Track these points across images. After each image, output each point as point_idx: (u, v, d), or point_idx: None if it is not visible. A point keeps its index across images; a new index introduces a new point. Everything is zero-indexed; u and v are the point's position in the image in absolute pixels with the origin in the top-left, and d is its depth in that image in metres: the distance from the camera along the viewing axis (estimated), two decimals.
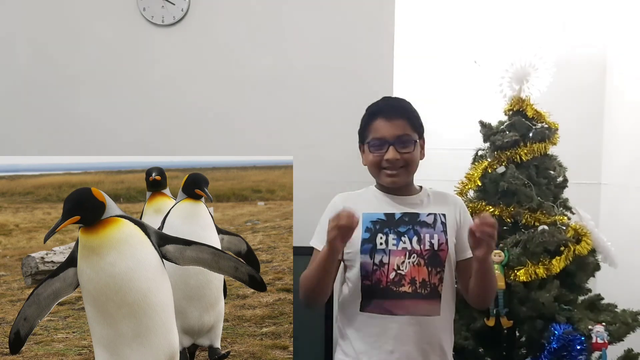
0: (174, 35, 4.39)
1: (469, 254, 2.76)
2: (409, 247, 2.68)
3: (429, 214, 2.74)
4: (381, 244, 2.69)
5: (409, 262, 2.66)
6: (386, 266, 2.67)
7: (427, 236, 2.70)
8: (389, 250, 2.68)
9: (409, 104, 2.80)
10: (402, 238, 2.68)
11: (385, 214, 2.74)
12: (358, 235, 2.69)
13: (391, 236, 2.69)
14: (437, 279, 2.71)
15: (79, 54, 4.40)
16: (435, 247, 2.70)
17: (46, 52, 4.42)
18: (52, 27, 4.42)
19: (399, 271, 2.66)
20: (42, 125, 4.32)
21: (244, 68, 4.33)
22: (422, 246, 2.69)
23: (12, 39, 4.44)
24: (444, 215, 2.76)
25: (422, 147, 2.82)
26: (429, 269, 2.68)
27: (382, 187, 2.83)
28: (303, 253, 2.97)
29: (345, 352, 2.81)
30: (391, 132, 2.68)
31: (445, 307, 2.74)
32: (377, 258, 2.69)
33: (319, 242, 2.80)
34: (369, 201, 2.82)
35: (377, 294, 2.69)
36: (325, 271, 2.63)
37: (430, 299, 2.69)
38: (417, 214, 2.74)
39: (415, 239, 2.69)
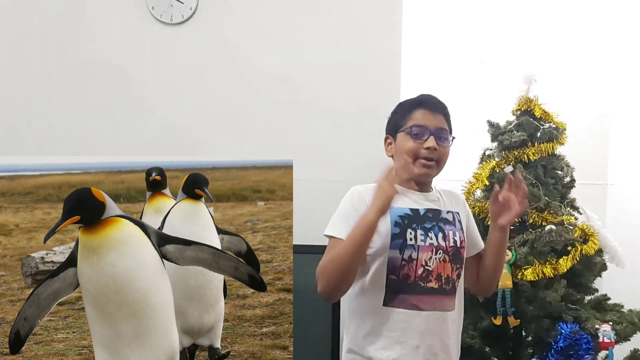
0: (182, 34, 4.41)
1: (476, 249, 2.87)
2: (436, 243, 2.67)
3: (449, 212, 2.76)
4: (411, 239, 2.66)
5: (436, 258, 2.66)
6: (415, 262, 2.65)
7: (451, 233, 2.71)
8: (418, 245, 2.66)
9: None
10: (429, 234, 2.67)
11: (411, 209, 2.72)
12: (387, 229, 2.66)
13: (419, 232, 2.67)
14: (456, 275, 2.73)
15: (86, 52, 4.42)
16: (458, 244, 2.72)
17: (51, 50, 4.44)
18: (59, 25, 4.44)
19: (426, 267, 2.65)
20: (42, 125, 4.33)
21: (251, 67, 4.34)
22: (447, 242, 2.69)
23: (17, 38, 4.45)
24: (458, 213, 2.79)
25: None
26: (452, 265, 2.70)
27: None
28: (303, 251, 2.97)
29: (354, 351, 2.80)
30: (433, 123, 2.69)
31: (458, 301, 2.76)
32: (407, 253, 2.65)
33: (339, 231, 2.67)
34: None
35: (404, 289, 2.66)
36: (366, 242, 2.53)
37: (450, 295, 2.70)
38: (439, 211, 2.74)
39: (440, 235, 2.68)
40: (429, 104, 2.73)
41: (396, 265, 2.64)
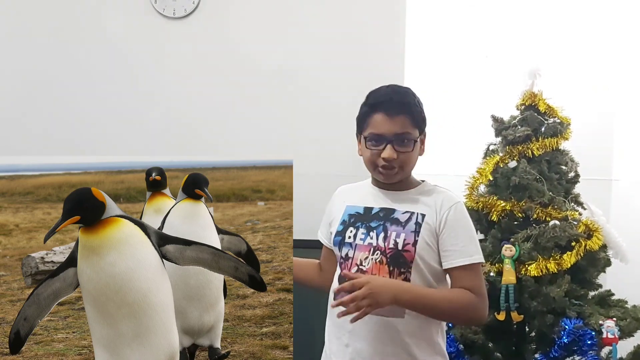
0: (185, 28, 4.41)
1: (450, 263, 2.59)
2: (374, 244, 2.61)
3: (405, 212, 2.64)
4: (349, 237, 2.67)
5: (372, 259, 2.60)
6: (350, 260, 2.65)
7: (394, 234, 2.60)
8: (355, 244, 2.65)
9: (412, 96, 2.67)
10: (371, 233, 2.63)
11: (365, 208, 2.72)
12: (335, 227, 2.74)
13: (361, 230, 2.66)
14: (401, 280, 2.58)
15: (87, 48, 4.44)
16: (400, 246, 2.58)
17: (51, 48, 4.45)
18: (60, 22, 4.45)
19: (360, 266, 2.61)
20: (43, 125, 4.33)
21: (252, 63, 4.36)
22: (386, 244, 2.60)
23: (16, 36, 4.45)
24: (423, 215, 2.62)
25: (423, 143, 2.72)
26: (391, 268, 2.58)
27: (375, 181, 2.79)
28: (303, 246, 3.00)
29: (325, 343, 2.84)
30: (391, 130, 2.58)
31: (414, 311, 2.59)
32: (344, 251, 2.68)
33: (319, 232, 2.95)
34: (359, 194, 2.82)
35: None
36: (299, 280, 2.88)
37: None
38: (393, 210, 2.66)
39: (382, 235, 2.61)
40: (387, 106, 2.61)
41: (339, 262, 2.71)
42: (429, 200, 2.67)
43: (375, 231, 2.63)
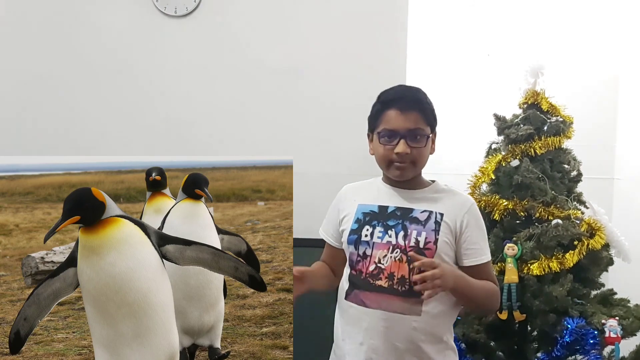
0: (186, 27, 4.41)
1: (472, 261, 2.68)
2: (394, 242, 2.63)
3: (424, 211, 2.68)
4: (366, 235, 2.68)
5: (391, 257, 2.62)
6: (368, 258, 2.66)
7: (415, 232, 2.63)
8: (373, 242, 2.66)
9: (424, 94, 2.73)
10: (389, 232, 2.65)
11: (379, 207, 2.73)
12: (349, 225, 2.74)
13: (378, 229, 2.67)
14: None
15: (88, 47, 4.44)
16: (421, 244, 2.61)
17: (52, 47, 4.44)
18: (60, 20, 4.44)
19: (379, 264, 2.63)
20: (43, 125, 4.33)
21: (254, 62, 4.35)
22: (406, 242, 2.62)
23: (16, 35, 4.45)
24: (441, 214, 2.67)
25: (433, 142, 2.76)
26: (411, 266, 2.54)
27: (387, 180, 2.81)
28: (303, 246, 3.00)
29: (334, 341, 2.84)
30: (403, 125, 2.62)
31: (432, 309, 2.64)
32: (361, 249, 2.69)
33: (322, 230, 2.96)
34: (370, 192, 2.83)
35: (358, 284, 2.69)
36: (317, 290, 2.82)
37: (408, 297, 2.59)
38: (411, 209, 2.69)
39: (401, 234, 2.64)
40: (400, 102, 2.66)
41: (353, 260, 2.70)
42: (446, 200, 2.73)
43: (394, 229, 2.66)
